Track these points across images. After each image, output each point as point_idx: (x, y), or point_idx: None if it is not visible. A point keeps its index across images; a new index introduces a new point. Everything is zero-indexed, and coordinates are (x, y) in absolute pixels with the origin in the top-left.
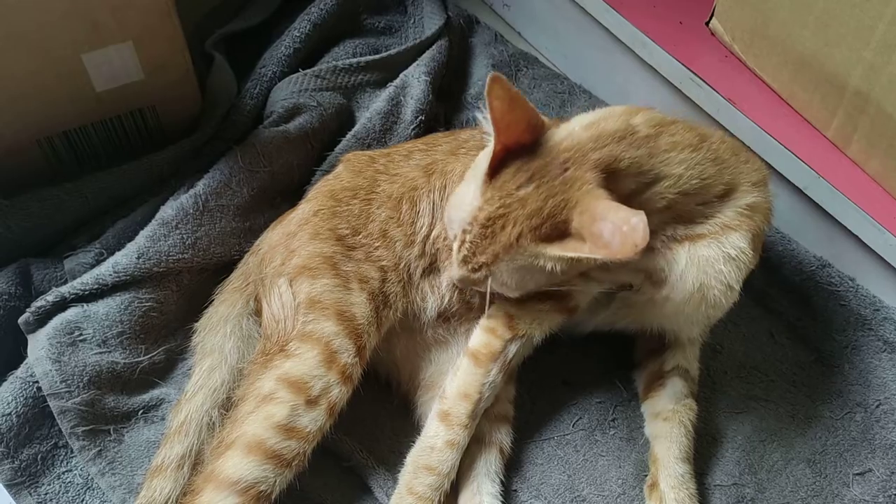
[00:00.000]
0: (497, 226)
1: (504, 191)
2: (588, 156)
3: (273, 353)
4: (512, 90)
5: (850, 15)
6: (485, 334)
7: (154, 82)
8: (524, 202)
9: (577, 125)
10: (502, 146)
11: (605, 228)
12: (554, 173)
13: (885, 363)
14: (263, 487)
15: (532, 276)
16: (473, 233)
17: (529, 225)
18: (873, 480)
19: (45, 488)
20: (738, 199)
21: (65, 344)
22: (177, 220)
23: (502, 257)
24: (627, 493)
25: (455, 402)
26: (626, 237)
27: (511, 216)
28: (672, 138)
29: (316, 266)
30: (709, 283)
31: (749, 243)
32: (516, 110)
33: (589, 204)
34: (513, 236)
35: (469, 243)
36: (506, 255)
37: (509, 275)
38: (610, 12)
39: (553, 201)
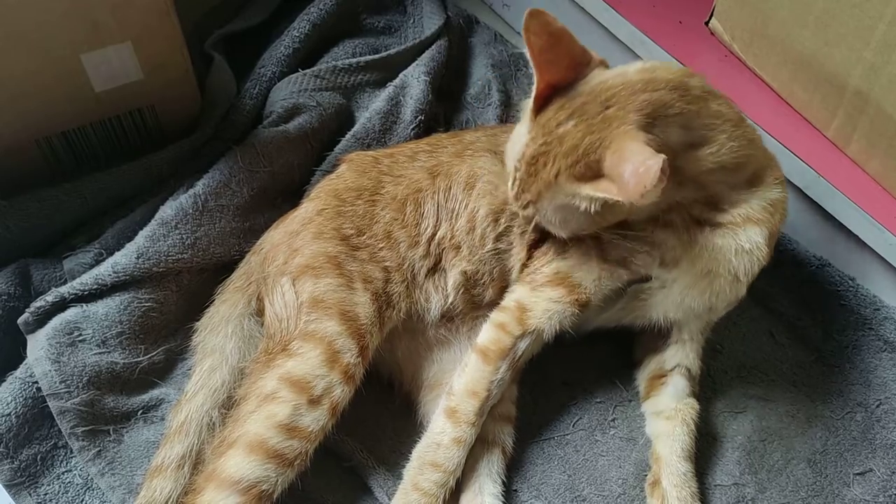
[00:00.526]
0: (540, 163)
1: (546, 128)
2: (635, 96)
3: (275, 353)
4: (553, 25)
5: (850, 15)
6: (495, 330)
7: (153, 82)
8: (562, 139)
9: (631, 68)
10: (545, 83)
11: (627, 169)
12: (594, 111)
13: (886, 363)
14: (265, 487)
15: (573, 215)
16: (522, 170)
17: (566, 163)
18: (874, 480)
19: (44, 488)
20: (764, 190)
21: (64, 344)
22: (176, 221)
23: (544, 195)
24: (628, 493)
25: (463, 399)
26: (640, 178)
27: (551, 154)
28: (720, 107)
29: (319, 265)
30: (717, 272)
31: (766, 239)
32: (558, 46)
33: (621, 144)
34: (552, 174)
35: (518, 180)
36: (547, 192)
37: (553, 212)
38: (609, 11)
39: (590, 139)
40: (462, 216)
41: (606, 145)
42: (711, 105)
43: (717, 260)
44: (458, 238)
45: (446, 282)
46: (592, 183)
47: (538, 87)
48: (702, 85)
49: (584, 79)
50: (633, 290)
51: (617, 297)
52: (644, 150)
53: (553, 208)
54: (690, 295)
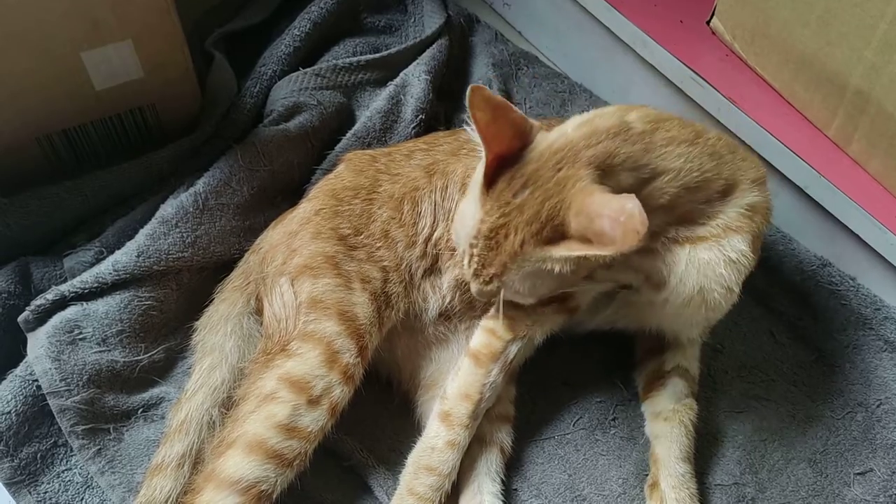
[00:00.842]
0: (500, 235)
1: (501, 200)
2: (580, 154)
3: (274, 353)
4: (493, 99)
5: (851, 14)
6: (485, 335)
7: (154, 81)
8: (522, 209)
9: (569, 126)
10: (493, 156)
11: (605, 224)
12: (547, 175)
13: (886, 362)
14: (264, 487)
15: (543, 280)
16: (479, 246)
17: (530, 231)
18: (874, 480)
19: (44, 487)
20: (740, 197)
21: (64, 342)
22: (177, 219)
23: (510, 266)
24: (628, 493)
25: (456, 403)
26: (626, 227)
27: (511, 224)
28: (668, 133)
29: (318, 265)
30: (709, 287)
31: (749, 245)
32: (501, 119)
33: (583, 202)
34: (516, 244)
35: (477, 257)
36: (513, 263)
37: (521, 282)
38: (610, 11)
39: (549, 203)
40: None
41: (567, 207)
42: (658, 136)
43: (706, 275)
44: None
45: (443, 283)
46: (563, 244)
47: (487, 160)
48: (643, 116)
49: (531, 145)
50: (623, 297)
51: (607, 300)
52: (611, 198)
53: (521, 277)
54: (686, 312)
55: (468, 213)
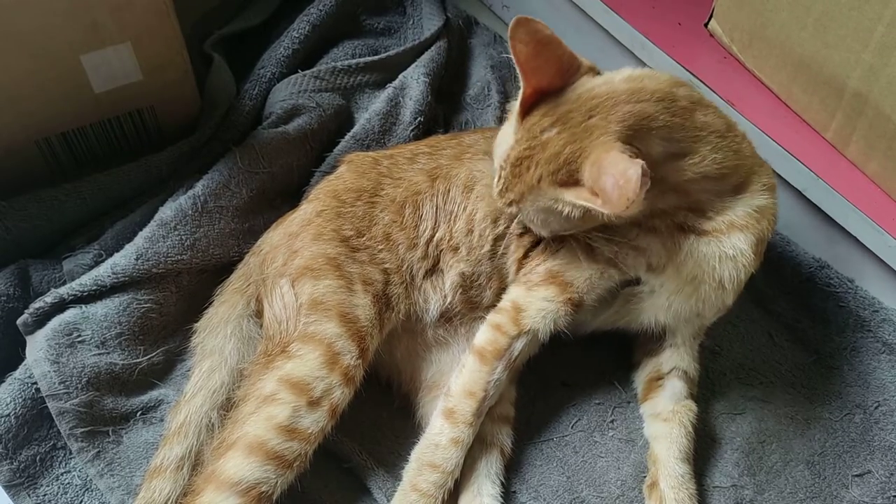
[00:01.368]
0: (524, 166)
1: (531, 133)
2: (619, 107)
3: (275, 354)
4: (540, 32)
5: (848, 17)
6: (491, 331)
7: (153, 83)
8: (545, 146)
9: (617, 76)
10: (532, 89)
11: (608, 182)
12: (578, 120)
13: (884, 364)
14: (265, 488)
15: (554, 217)
16: (507, 170)
17: (548, 169)
18: (872, 482)
19: (43, 489)
20: (750, 197)
21: (63, 345)
22: (175, 222)
23: (527, 196)
24: (626, 495)
25: (460, 400)
26: (621, 190)
27: (534, 158)
28: (706, 118)
29: (319, 267)
30: (702, 278)
31: (751, 246)
32: (545, 53)
33: (599, 155)
34: (534, 178)
35: (503, 179)
36: (529, 194)
37: (535, 213)
38: (609, 14)
39: (571, 148)
40: (460, 218)
41: (586, 156)
42: (697, 116)
43: (701, 267)
44: (456, 239)
45: (444, 283)
46: (574, 190)
47: (524, 92)
48: (689, 95)
49: (572, 86)
50: (626, 293)
51: (611, 299)
52: (622, 159)
53: (535, 209)
54: (677, 300)
55: (506, 134)
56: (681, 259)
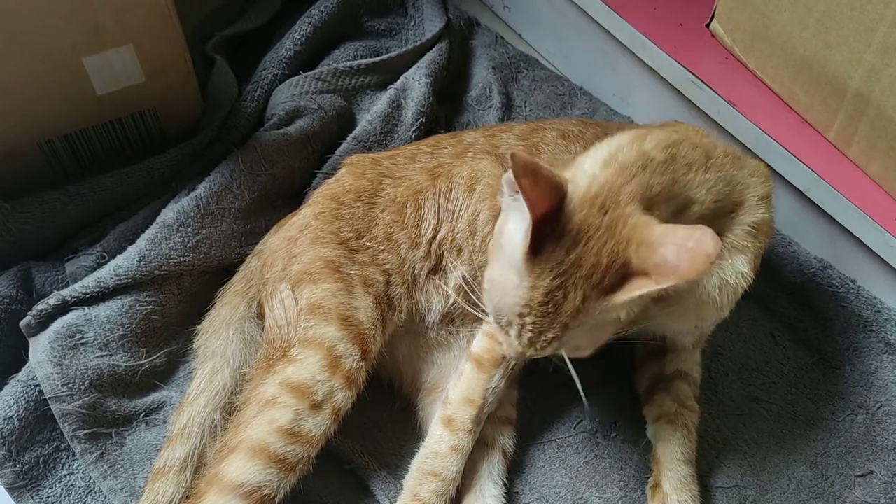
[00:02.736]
0: (558, 297)
1: (553, 261)
2: (620, 191)
3: (276, 359)
4: (530, 161)
5: (850, 17)
6: (487, 339)
7: (155, 85)
8: (579, 264)
9: (594, 167)
10: (538, 218)
11: (669, 252)
12: (596, 223)
13: (887, 365)
14: (267, 491)
15: (605, 328)
16: (533, 314)
17: (591, 283)
18: (875, 482)
19: (46, 491)
20: (746, 214)
21: (66, 347)
22: (178, 223)
23: (571, 325)
24: (629, 496)
25: (459, 408)
26: (694, 253)
27: (570, 283)
28: (685, 160)
29: (317, 271)
30: (702, 305)
31: (750, 264)
32: (539, 179)
33: (643, 235)
34: (577, 301)
35: (531, 325)
36: (574, 322)
37: (583, 337)
38: (610, 14)
39: (606, 249)
40: (463, 218)
41: (625, 245)
42: (678, 164)
43: (702, 299)
44: (458, 241)
45: (447, 283)
46: (625, 288)
47: (533, 225)
48: (657, 144)
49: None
50: None
51: None
52: (676, 228)
53: (583, 332)
54: (679, 322)
55: (509, 283)
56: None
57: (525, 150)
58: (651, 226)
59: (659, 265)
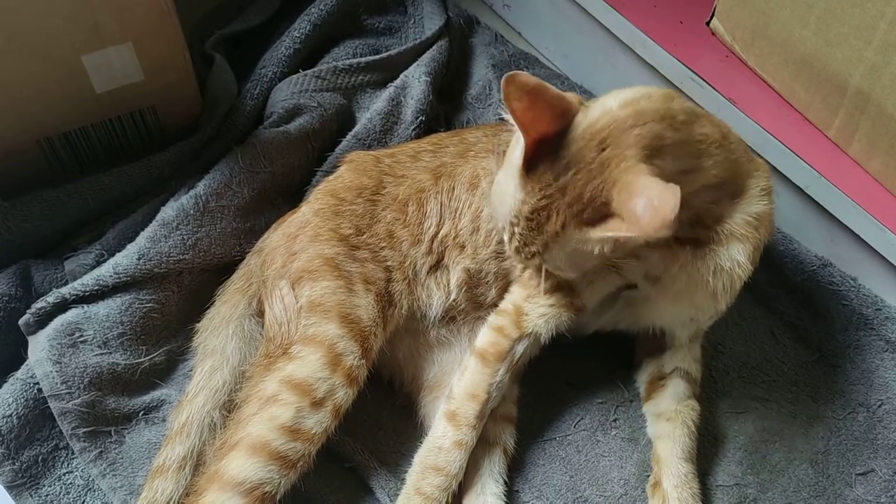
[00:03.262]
0: (542, 217)
1: (543, 182)
2: (628, 132)
3: (276, 356)
4: (529, 84)
5: (851, 14)
6: (492, 333)
7: (154, 83)
8: (564, 190)
9: (613, 102)
10: (532, 140)
11: (640, 203)
12: (590, 156)
13: (888, 363)
14: (268, 488)
15: (583, 258)
16: (520, 225)
17: (572, 212)
18: (876, 480)
19: (45, 490)
20: (747, 203)
21: (65, 345)
22: (177, 221)
23: (551, 245)
24: (629, 494)
25: (462, 402)
26: (655, 211)
27: (553, 206)
28: (703, 129)
29: (316, 268)
30: (695, 289)
31: (748, 256)
32: (538, 103)
33: (627, 180)
34: (557, 225)
35: (518, 235)
36: (554, 243)
37: (562, 259)
38: (610, 12)
39: (592, 185)
40: (465, 215)
41: (611, 185)
42: (696, 129)
43: (694, 280)
44: (461, 237)
45: (449, 279)
46: (602, 225)
47: (526, 144)
48: (684, 108)
49: (571, 125)
50: (627, 296)
51: (612, 301)
52: (654, 182)
53: (562, 255)
54: (672, 307)
55: (507, 192)
56: (675, 271)
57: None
58: (638, 173)
59: (631, 213)
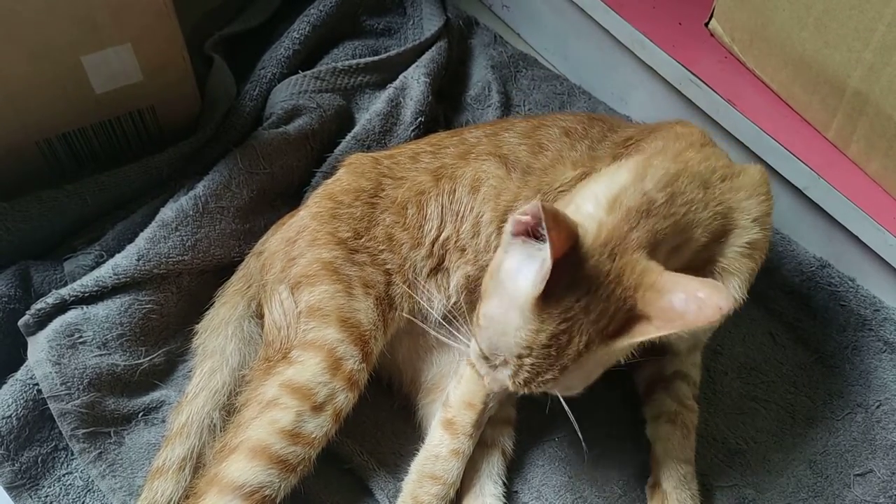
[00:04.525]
0: (562, 341)
1: (563, 306)
2: (627, 237)
3: (276, 361)
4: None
5: (849, 16)
6: None
7: (153, 84)
8: (587, 310)
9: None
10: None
11: (676, 299)
12: (606, 270)
13: (886, 364)
14: (268, 492)
15: (599, 369)
16: (534, 355)
17: (597, 329)
18: (874, 481)
19: (45, 491)
20: (738, 237)
21: (65, 346)
22: (176, 222)
23: (571, 368)
24: (628, 495)
25: (459, 411)
26: (704, 304)
27: (576, 328)
28: (684, 197)
29: (314, 273)
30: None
31: (742, 287)
32: (561, 229)
33: (650, 281)
34: (581, 346)
35: (529, 367)
36: (574, 363)
37: (577, 378)
38: (609, 13)
39: (615, 296)
40: (467, 219)
41: (632, 291)
42: (678, 203)
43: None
44: (462, 241)
45: (449, 283)
46: (629, 332)
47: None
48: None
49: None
50: None
51: None
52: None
53: (580, 375)
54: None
55: (510, 323)
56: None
57: (528, 149)
58: (658, 272)
59: (664, 311)
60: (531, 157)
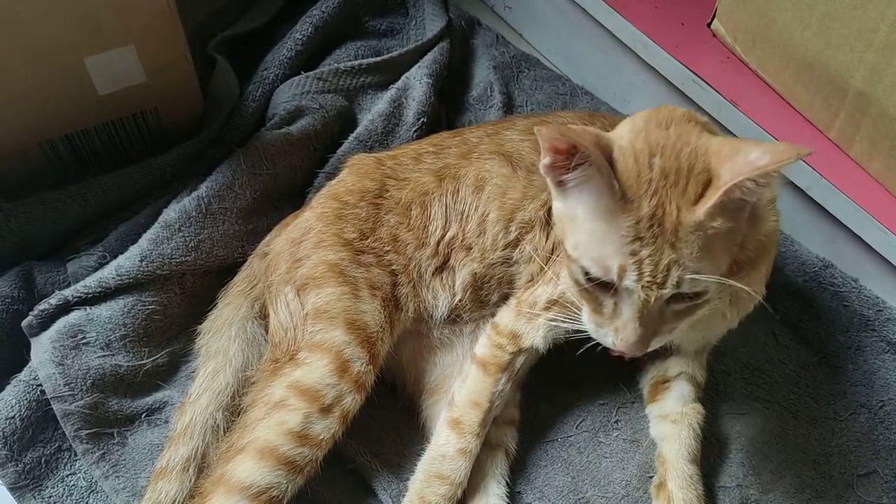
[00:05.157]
0: (659, 215)
1: (641, 180)
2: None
3: (283, 362)
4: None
5: (852, 16)
6: (492, 347)
7: (156, 85)
8: (664, 173)
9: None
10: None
11: (753, 153)
12: (663, 136)
13: (889, 364)
14: (276, 493)
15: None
16: (646, 242)
17: (678, 192)
18: (877, 482)
19: (48, 491)
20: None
21: (68, 347)
22: (179, 223)
23: (679, 243)
24: (631, 495)
25: (465, 410)
26: (778, 148)
27: (664, 197)
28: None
29: (321, 275)
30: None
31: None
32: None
33: (720, 143)
34: (675, 214)
35: (648, 257)
36: (679, 240)
37: (697, 257)
38: (611, 14)
39: (684, 153)
40: (472, 218)
41: (703, 151)
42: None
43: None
44: (469, 239)
45: (455, 281)
46: (706, 195)
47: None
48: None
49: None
50: None
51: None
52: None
53: (696, 252)
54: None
55: (604, 234)
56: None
57: (531, 146)
58: (725, 138)
59: (743, 163)
60: (535, 154)
